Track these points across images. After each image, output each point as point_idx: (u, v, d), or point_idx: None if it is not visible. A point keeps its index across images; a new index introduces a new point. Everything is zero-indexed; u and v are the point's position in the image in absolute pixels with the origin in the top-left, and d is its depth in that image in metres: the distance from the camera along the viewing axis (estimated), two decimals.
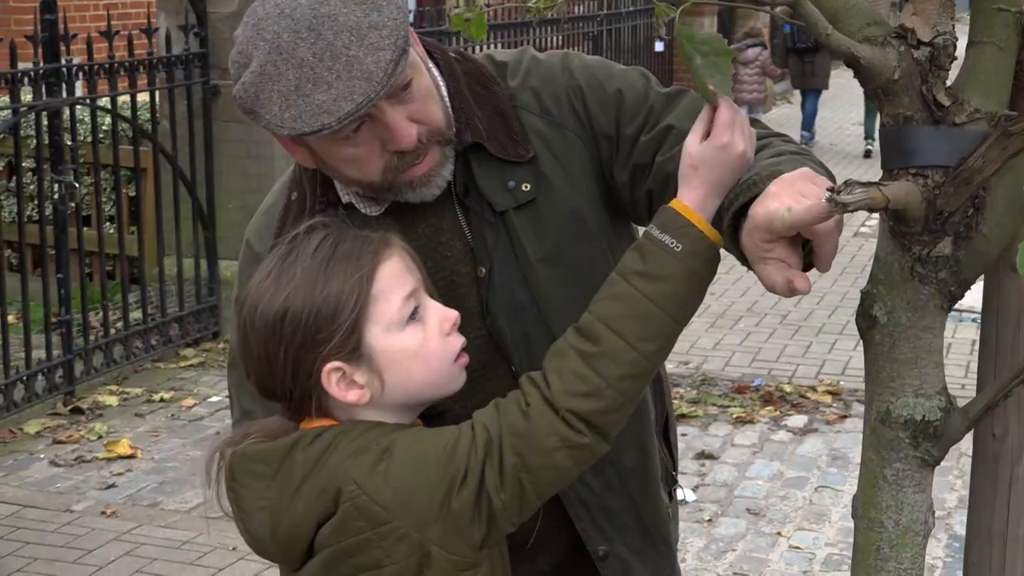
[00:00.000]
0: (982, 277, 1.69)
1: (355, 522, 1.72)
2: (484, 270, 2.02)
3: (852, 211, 1.45)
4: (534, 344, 2.01)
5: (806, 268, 1.68)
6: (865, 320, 1.63)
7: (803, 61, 14.86)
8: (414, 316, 1.77)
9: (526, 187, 2.03)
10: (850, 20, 1.58)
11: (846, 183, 1.48)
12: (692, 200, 1.75)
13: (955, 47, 1.57)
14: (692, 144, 1.75)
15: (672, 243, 1.73)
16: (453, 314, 1.81)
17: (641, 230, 1.84)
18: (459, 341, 1.81)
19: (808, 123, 15.38)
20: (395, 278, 1.77)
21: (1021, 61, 1.59)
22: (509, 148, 2.03)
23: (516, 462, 1.72)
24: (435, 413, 1.89)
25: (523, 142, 2.05)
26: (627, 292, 1.75)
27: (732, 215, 1.75)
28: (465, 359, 1.82)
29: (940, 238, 1.55)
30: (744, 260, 1.73)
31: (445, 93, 2.01)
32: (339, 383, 1.75)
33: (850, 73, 1.61)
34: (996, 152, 1.45)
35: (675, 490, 2.35)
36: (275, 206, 2.12)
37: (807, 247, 1.67)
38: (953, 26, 1.56)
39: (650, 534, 2.20)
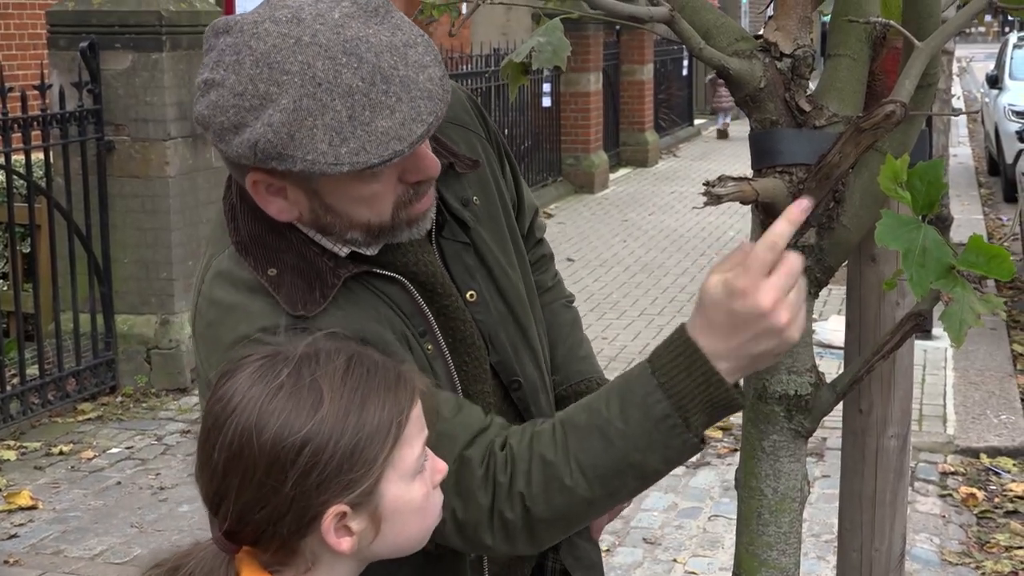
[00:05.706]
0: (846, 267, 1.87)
1: None
2: (474, 293, 1.95)
3: (725, 202, 1.62)
4: (522, 353, 2.01)
5: None
6: None
7: None
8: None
9: (476, 199, 1.99)
10: (720, 36, 1.76)
11: (719, 178, 1.64)
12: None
13: (814, 58, 1.75)
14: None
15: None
16: (443, 466, 1.62)
17: None
18: (440, 496, 1.62)
19: None
20: (420, 422, 1.56)
21: (873, 72, 1.78)
22: (462, 160, 1.99)
23: None
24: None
25: (465, 151, 2.01)
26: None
27: None
28: (440, 517, 1.63)
29: (805, 229, 1.73)
30: None
31: None
32: (337, 528, 1.49)
33: None
34: (851, 147, 1.62)
35: None
36: (256, 293, 1.77)
37: None
38: (811, 40, 1.75)
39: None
